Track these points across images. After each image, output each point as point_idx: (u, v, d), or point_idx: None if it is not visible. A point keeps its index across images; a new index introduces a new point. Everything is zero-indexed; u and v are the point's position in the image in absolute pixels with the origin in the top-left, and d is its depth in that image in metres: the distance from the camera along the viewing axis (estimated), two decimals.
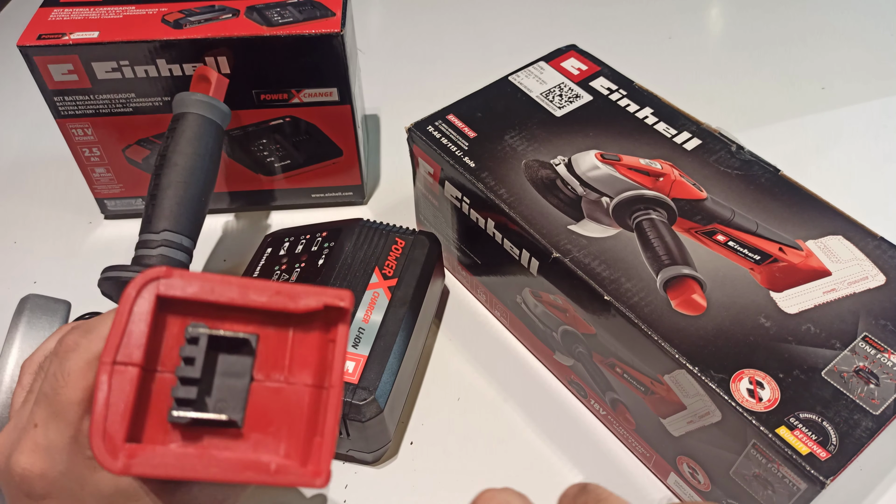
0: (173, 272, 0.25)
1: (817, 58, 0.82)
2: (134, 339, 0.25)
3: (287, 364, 0.27)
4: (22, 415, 0.30)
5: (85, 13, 0.56)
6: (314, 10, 0.57)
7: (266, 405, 0.26)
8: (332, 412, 0.26)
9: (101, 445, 0.24)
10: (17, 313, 0.38)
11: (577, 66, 0.59)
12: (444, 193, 0.54)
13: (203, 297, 0.25)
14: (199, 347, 0.25)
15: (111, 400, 0.24)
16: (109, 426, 0.24)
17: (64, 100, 0.57)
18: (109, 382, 0.24)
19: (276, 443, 0.26)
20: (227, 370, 0.26)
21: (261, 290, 0.26)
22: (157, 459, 0.24)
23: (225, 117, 0.53)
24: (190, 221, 0.49)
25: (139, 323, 0.25)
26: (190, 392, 0.25)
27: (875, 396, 0.39)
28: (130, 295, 0.25)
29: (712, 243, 0.46)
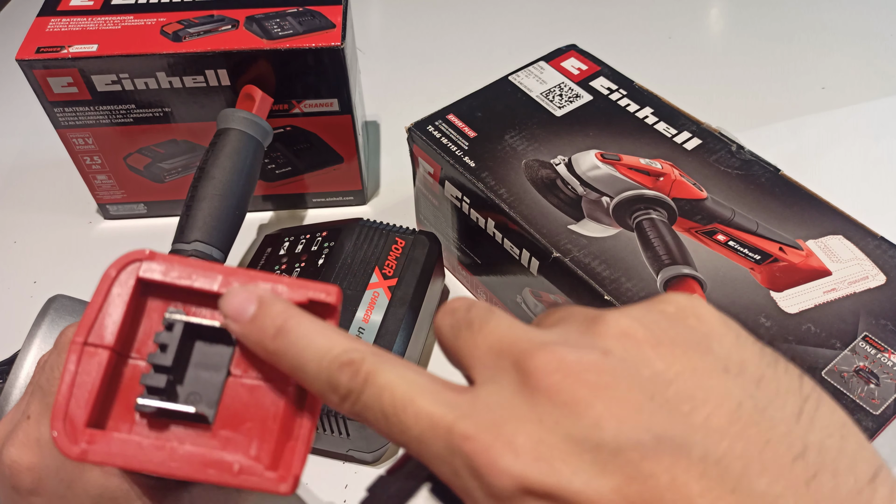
0: (156, 255, 0.24)
1: (817, 58, 0.82)
2: (108, 322, 0.24)
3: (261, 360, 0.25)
4: (20, 406, 0.30)
5: (83, 24, 0.56)
6: (314, 20, 0.56)
7: (241, 402, 0.25)
8: (310, 416, 0.25)
9: (62, 428, 0.23)
10: (42, 313, 0.38)
11: (577, 66, 0.59)
12: (444, 193, 0.54)
13: (183, 283, 0.24)
14: (174, 334, 0.24)
15: (77, 382, 0.23)
16: (72, 409, 0.23)
17: (64, 111, 0.57)
18: (77, 363, 0.23)
19: (247, 443, 0.24)
20: (203, 361, 0.25)
21: (244, 280, 0.25)
22: (117, 448, 0.23)
23: (266, 135, 0.54)
24: (222, 234, 0.49)
25: (116, 305, 0.24)
26: (159, 380, 0.24)
27: (875, 396, 0.39)
28: (110, 275, 0.24)
29: (712, 243, 0.46)
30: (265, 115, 0.55)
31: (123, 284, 0.24)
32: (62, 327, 0.37)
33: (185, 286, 0.24)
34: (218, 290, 0.24)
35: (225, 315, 0.24)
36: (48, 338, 0.37)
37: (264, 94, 0.55)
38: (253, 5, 0.57)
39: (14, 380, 0.35)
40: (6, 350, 0.55)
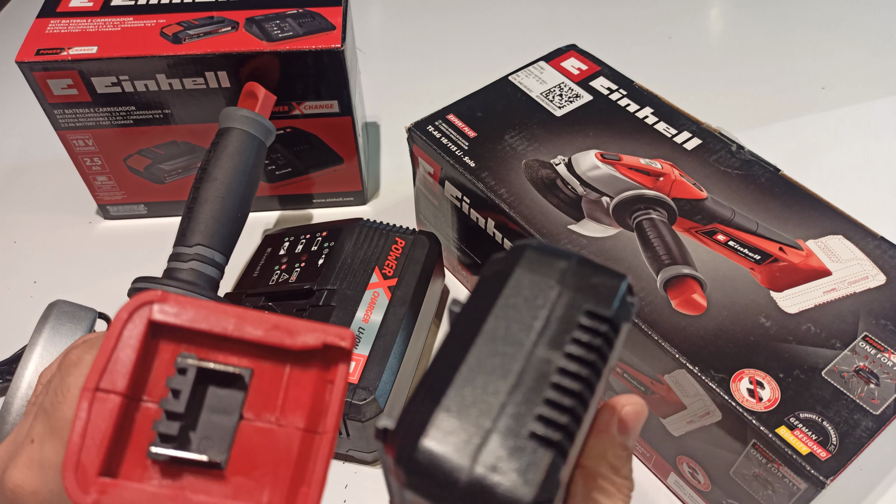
0: (168, 297, 0.24)
1: (817, 58, 0.82)
2: (120, 366, 0.23)
3: (280, 404, 0.25)
4: (23, 428, 0.29)
5: (83, 25, 0.56)
6: (314, 22, 0.56)
7: (253, 447, 0.24)
8: (323, 461, 0.24)
9: (73, 478, 0.22)
10: (43, 319, 0.38)
11: (577, 66, 0.59)
12: (444, 193, 0.54)
13: (196, 326, 0.24)
14: (187, 379, 0.24)
15: (89, 429, 0.23)
16: (84, 457, 0.23)
17: (64, 113, 0.57)
18: (89, 410, 0.23)
19: (260, 489, 0.24)
20: (216, 406, 0.24)
21: (257, 323, 0.24)
22: (129, 498, 0.23)
23: (268, 133, 0.53)
24: (224, 237, 0.49)
25: (127, 348, 0.24)
26: (172, 427, 0.23)
27: (875, 396, 0.39)
28: (121, 318, 0.24)
29: (712, 243, 0.46)
30: (268, 114, 0.55)
31: (135, 327, 0.24)
32: (63, 334, 0.37)
33: (198, 329, 0.24)
34: (231, 334, 0.24)
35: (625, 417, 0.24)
36: (50, 346, 0.37)
37: (267, 91, 0.55)
38: (253, 7, 0.57)
39: (16, 390, 0.35)
40: (6, 350, 0.55)
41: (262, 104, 0.54)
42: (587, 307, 0.20)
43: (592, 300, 0.20)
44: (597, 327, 0.19)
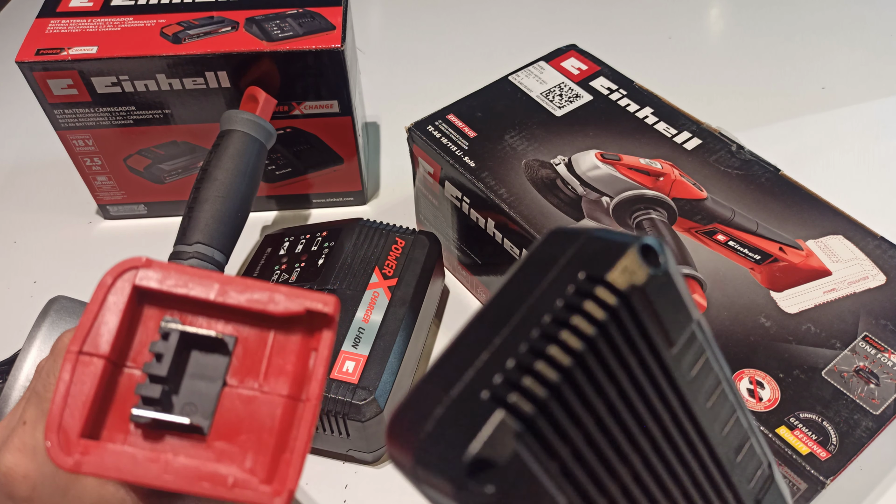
0: (153, 263, 0.24)
1: (817, 58, 0.82)
2: (105, 330, 0.23)
3: (264, 371, 0.25)
4: (16, 412, 0.29)
5: (82, 25, 0.56)
6: (314, 22, 0.56)
7: (236, 413, 0.24)
8: (306, 428, 0.24)
9: (55, 439, 0.22)
10: (42, 314, 0.38)
11: (577, 66, 0.59)
12: (444, 193, 0.54)
13: (179, 292, 0.24)
14: (169, 344, 0.24)
15: (72, 392, 0.23)
16: (66, 419, 0.23)
17: (64, 112, 0.57)
18: (72, 373, 0.23)
19: (242, 455, 0.24)
20: (199, 372, 0.24)
21: (241, 289, 0.24)
22: (111, 460, 0.23)
23: (269, 137, 0.54)
24: (224, 236, 0.49)
25: (112, 313, 0.23)
26: (154, 391, 0.23)
27: (875, 396, 0.39)
28: (105, 283, 0.24)
29: (712, 243, 0.46)
30: (269, 117, 0.55)
31: (119, 292, 0.24)
32: (63, 329, 0.37)
33: (182, 295, 0.24)
34: (214, 299, 0.24)
35: None
36: (48, 339, 0.37)
37: (268, 95, 0.55)
38: (253, 7, 0.57)
39: (13, 381, 0.35)
40: (6, 350, 0.55)
41: (262, 108, 0.54)
42: (581, 274, 0.18)
43: (591, 266, 0.18)
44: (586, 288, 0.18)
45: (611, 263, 0.18)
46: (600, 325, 0.17)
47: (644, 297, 0.18)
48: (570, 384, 0.17)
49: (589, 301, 0.17)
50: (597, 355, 0.17)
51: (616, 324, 0.17)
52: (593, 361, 0.17)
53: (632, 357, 0.18)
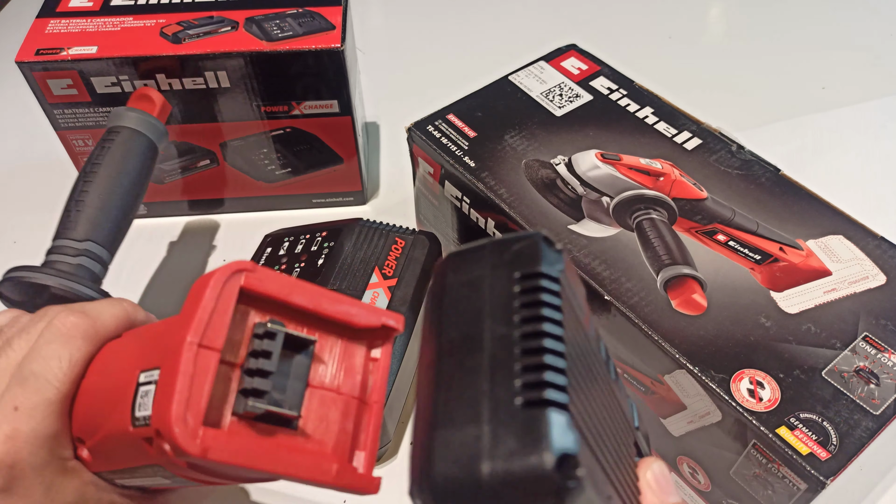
0: (258, 267, 0.25)
1: (817, 58, 0.82)
2: (217, 325, 0.24)
3: (339, 374, 0.27)
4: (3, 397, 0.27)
5: (82, 25, 0.56)
6: (314, 21, 0.56)
7: (317, 411, 0.26)
8: (375, 428, 0.27)
9: (183, 427, 0.23)
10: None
11: (577, 66, 0.59)
12: (444, 193, 0.54)
13: (281, 297, 0.26)
14: (277, 343, 0.25)
15: (195, 381, 0.23)
16: (192, 408, 0.23)
17: (64, 113, 0.57)
18: (195, 364, 0.23)
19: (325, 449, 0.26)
20: (286, 371, 0.26)
21: (331, 301, 0.26)
22: (233, 447, 0.24)
23: (161, 137, 0.52)
24: (112, 235, 0.47)
25: (224, 310, 0.24)
26: (265, 384, 0.25)
27: (875, 396, 0.39)
28: (220, 280, 0.25)
29: (713, 243, 0.46)
30: (164, 119, 0.53)
31: (230, 292, 0.25)
32: None
33: (283, 300, 0.26)
34: (310, 307, 0.26)
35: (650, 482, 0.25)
36: None
37: (165, 100, 0.53)
38: (253, 7, 0.57)
39: None
40: None
41: (160, 110, 0.52)
42: (516, 274, 0.20)
43: (519, 266, 0.20)
44: (532, 284, 0.19)
45: (534, 257, 0.20)
46: (558, 308, 0.19)
47: (564, 277, 0.20)
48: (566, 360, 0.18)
49: (542, 292, 0.19)
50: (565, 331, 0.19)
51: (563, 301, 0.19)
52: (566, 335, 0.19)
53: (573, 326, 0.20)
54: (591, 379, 0.21)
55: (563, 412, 0.17)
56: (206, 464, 0.24)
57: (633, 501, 0.23)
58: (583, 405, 0.19)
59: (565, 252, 0.21)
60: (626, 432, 0.25)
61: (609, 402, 0.23)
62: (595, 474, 0.18)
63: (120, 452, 0.28)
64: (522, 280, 0.19)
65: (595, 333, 0.24)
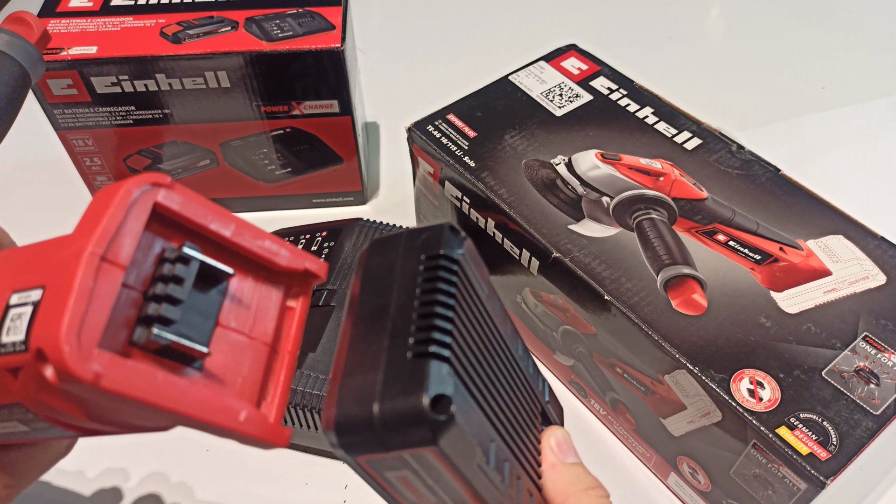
0: (176, 185, 0.22)
1: (817, 58, 0.82)
2: (126, 241, 0.21)
3: (252, 317, 0.24)
4: None
5: (82, 25, 0.56)
6: (314, 21, 0.56)
7: (225, 353, 0.23)
8: (286, 378, 0.25)
9: (75, 344, 0.19)
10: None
11: (577, 66, 0.59)
12: (444, 193, 0.54)
13: (199, 222, 0.23)
14: (191, 270, 0.22)
15: (93, 298, 0.20)
16: (87, 327, 0.19)
17: (63, 112, 0.57)
18: (95, 278, 0.20)
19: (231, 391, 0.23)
20: (195, 306, 0.23)
21: (254, 235, 0.24)
22: (130, 377, 0.20)
23: (36, 64, 0.46)
24: None
25: (134, 224, 0.21)
26: (174, 313, 0.21)
27: (875, 396, 0.39)
28: (131, 190, 0.21)
29: (713, 243, 0.46)
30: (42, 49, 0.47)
31: (141, 206, 0.21)
32: None
33: (200, 225, 0.23)
34: (230, 238, 0.23)
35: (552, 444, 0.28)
36: None
37: (46, 29, 0.47)
38: (253, 7, 0.57)
39: None
40: None
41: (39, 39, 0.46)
42: (422, 256, 0.23)
43: (425, 249, 0.23)
44: (433, 263, 0.23)
45: (437, 242, 0.23)
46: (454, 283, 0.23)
47: (465, 259, 0.24)
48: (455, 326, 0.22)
49: (440, 269, 0.23)
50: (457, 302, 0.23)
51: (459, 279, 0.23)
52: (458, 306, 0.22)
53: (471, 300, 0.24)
54: (485, 345, 0.25)
55: (443, 363, 0.21)
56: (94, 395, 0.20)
57: (532, 459, 0.27)
58: (469, 362, 0.22)
59: (469, 240, 0.24)
60: (529, 400, 0.29)
61: (508, 369, 0.27)
62: (472, 417, 0.21)
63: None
64: (427, 260, 0.23)
65: (500, 312, 0.27)
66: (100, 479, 0.50)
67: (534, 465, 0.27)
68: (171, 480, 0.49)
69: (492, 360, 0.25)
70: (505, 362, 0.27)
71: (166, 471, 0.50)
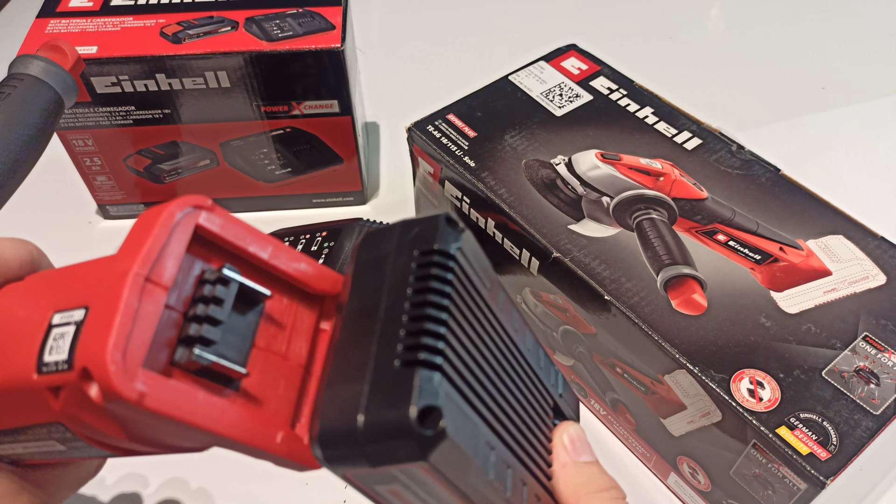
0: (216, 208, 0.23)
1: (817, 58, 0.82)
2: (169, 263, 0.21)
3: (287, 339, 0.24)
4: None
5: (82, 25, 0.56)
6: (314, 21, 0.56)
7: (261, 374, 0.23)
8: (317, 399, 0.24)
9: (121, 365, 0.19)
10: None
11: (577, 66, 0.59)
12: (444, 193, 0.54)
13: (238, 244, 0.23)
14: (230, 291, 0.22)
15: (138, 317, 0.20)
16: (131, 347, 0.19)
17: (63, 113, 0.57)
18: (139, 298, 0.20)
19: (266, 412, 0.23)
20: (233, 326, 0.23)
21: (290, 258, 0.24)
22: (172, 396, 0.20)
23: (70, 91, 0.47)
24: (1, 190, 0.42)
25: (177, 246, 0.21)
26: (214, 333, 0.22)
27: (875, 396, 0.39)
28: (173, 213, 0.22)
29: (713, 243, 0.46)
30: (76, 76, 0.48)
31: (184, 228, 0.22)
32: None
33: (238, 247, 0.23)
34: (267, 260, 0.23)
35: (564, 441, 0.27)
36: None
37: (80, 56, 0.48)
38: (253, 7, 0.57)
39: None
40: None
41: (73, 66, 0.48)
42: (415, 252, 0.22)
43: (418, 244, 0.22)
44: (426, 260, 0.21)
45: (432, 236, 0.22)
46: (448, 281, 0.21)
47: (462, 254, 0.22)
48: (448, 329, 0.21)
49: (433, 267, 0.21)
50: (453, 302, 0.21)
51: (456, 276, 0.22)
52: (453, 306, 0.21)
53: (469, 297, 0.22)
54: (485, 344, 0.23)
55: (433, 371, 0.19)
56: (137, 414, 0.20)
57: (542, 458, 0.26)
58: (466, 366, 0.21)
59: (467, 232, 0.23)
60: (538, 396, 0.27)
61: (513, 366, 0.25)
62: (466, 427, 0.20)
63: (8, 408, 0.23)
64: (420, 257, 0.22)
65: (506, 305, 0.25)
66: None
67: (543, 466, 0.26)
68: (170, 480, 0.49)
69: (493, 360, 0.24)
70: (509, 359, 0.25)
71: (168, 471, 0.50)
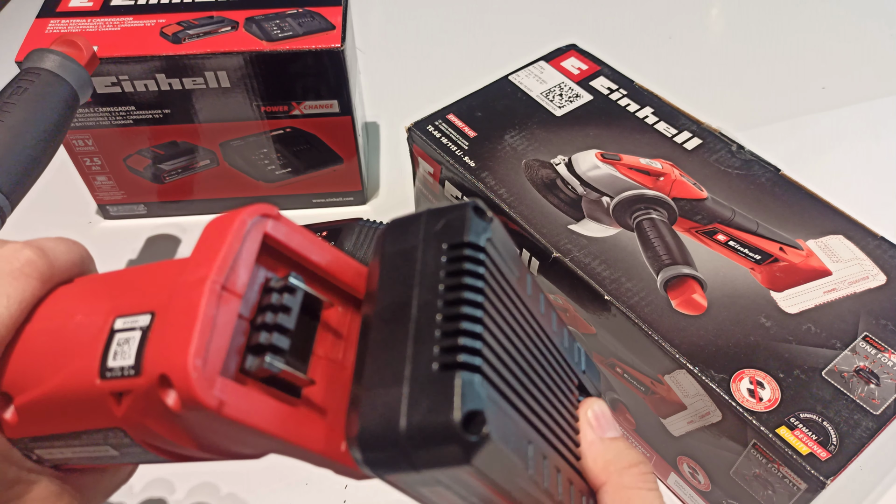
0: (282, 217, 0.23)
1: (817, 58, 0.82)
2: (241, 270, 0.21)
3: (344, 345, 0.24)
4: None
5: (82, 25, 0.56)
6: (314, 21, 0.56)
7: (321, 381, 0.23)
8: None
9: (202, 373, 0.19)
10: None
11: (577, 66, 0.59)
12: (444, 193, 0.54)
13: (302, 252, 0.23)
14: (296, 299, 0.22)
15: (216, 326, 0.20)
16: (211, 355, 0.20)
17: None
18: (217, 306, 0.20)
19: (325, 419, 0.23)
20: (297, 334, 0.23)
21: (346, 265, 0.24)
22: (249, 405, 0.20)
23: (85, 86, 0.47)
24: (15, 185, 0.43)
25: (248, 254, 0.21)
26: (283, 341, 0.21)
27: (875, 396, 0.39)
28: (245, 221, 0.22)
29: (713, 243, 0.46)
30: (91, 71, 0.48)
31: (254, 236, 0.22)
32: None
33: (302, 255, 0.23)
34: (327, 268, 0.24)
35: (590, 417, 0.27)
36: None
37: (95, 52, 0.48)
38: (253, 7, 0.57)
39: None
40: None
41: (89, 61, 0.48)
42: (444, 245, 0.21)
43: (447, 236, 0.21)
44: (457, 254, 0.21)
45: (461, 228, 0.21)
46: (480, 276, 0.21)
47: (492, 244, 0.22)
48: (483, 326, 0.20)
49: (464, 261, 0.21)
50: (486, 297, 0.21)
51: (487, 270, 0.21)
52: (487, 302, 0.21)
53: (501, 289, 0.22)
54: (518, 336, 0.23)
55: (473, 374, 0.19)
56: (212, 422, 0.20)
57: (570, 439, 0.26)
58: (503, 362, 0.21)
59: (496, 220, 0.22)
60: (565, 377, 0.27)
61: (543, 353, 0.25)
62: (508, 426, 0.20)
63: (65, 412, 0.23)
64: (449, 250, 0.21)
65: (533, 290, 0.25)
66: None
67: (571, 447, 0.26)
68: (172, 480, 0.49)
69: (526, 351, 0.23)
70: (539, 347, 0.25)
71: (169, 471, 0.50)
